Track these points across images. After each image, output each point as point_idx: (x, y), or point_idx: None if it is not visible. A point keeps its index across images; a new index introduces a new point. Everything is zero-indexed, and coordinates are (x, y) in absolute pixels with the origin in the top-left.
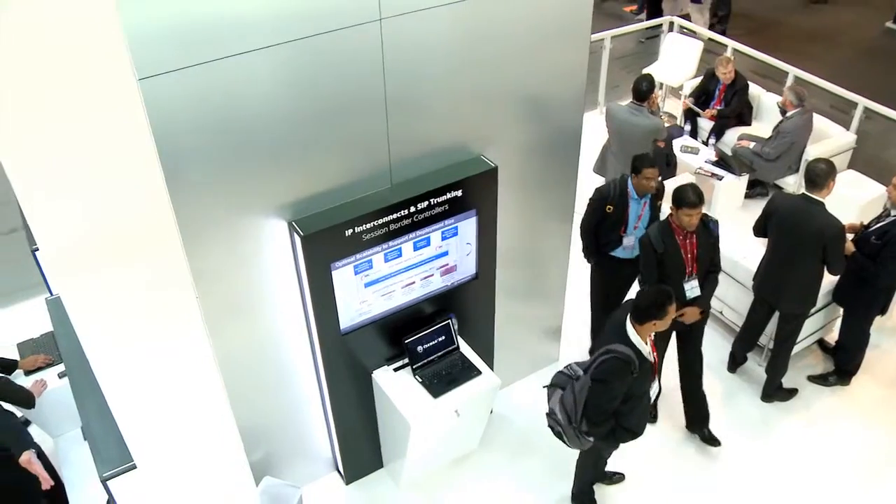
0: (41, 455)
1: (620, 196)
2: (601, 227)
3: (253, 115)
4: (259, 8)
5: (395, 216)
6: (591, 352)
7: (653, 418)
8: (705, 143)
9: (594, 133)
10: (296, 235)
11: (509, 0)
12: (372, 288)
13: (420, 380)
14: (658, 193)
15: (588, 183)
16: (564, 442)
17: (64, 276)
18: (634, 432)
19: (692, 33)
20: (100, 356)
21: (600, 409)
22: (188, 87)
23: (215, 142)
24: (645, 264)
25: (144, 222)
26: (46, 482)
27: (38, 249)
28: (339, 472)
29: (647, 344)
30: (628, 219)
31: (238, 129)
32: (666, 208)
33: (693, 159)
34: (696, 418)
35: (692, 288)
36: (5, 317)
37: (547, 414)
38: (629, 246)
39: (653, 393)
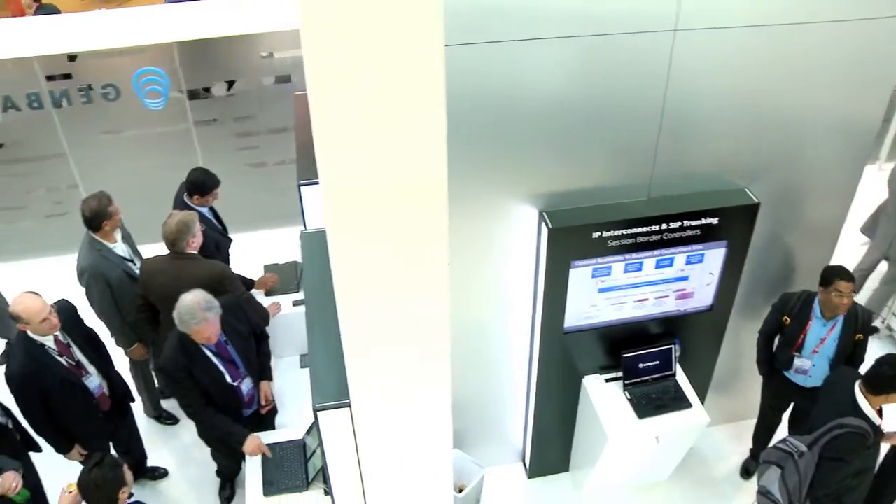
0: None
1: (801, 310)
2: (777, 338)
3: (530, 101)
4: None
5: (645, 229)
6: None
7: None
8: None
9: (869, 189)
10: (544, 226)
11: (814, 33)
12: (605, 295)
13: (629, 397)
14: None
15: (852, 242)
16: None
17: (337, 216)
18: None
19: None
20: (349, 298)
21: (831, 487)
22: (477, 61)
23: (489, 118)
24: None
25: (420, 181)
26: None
27: (303, 184)
28: (524, 463)
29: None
30: (805, 339)
31: (513, 111)
32: None
33: None
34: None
35: None
36: (260, 239)
37: (760, 493)
38: (802, 370)
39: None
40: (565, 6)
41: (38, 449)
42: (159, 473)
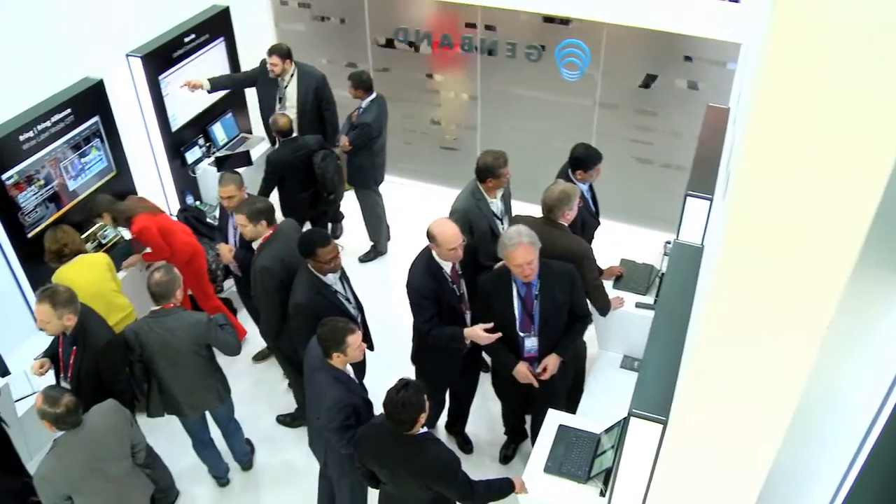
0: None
1: None
2: None
3: None
4: None
5: None
6: None
7: None
8: None
9: None
10: None
11: None
12: None
13: None
14: None
15: None
16: None
17: (737, 245)
18: None
19: None
20: (712, 329)
21: None
22: None
23: None
24: None
25: (835, 238)
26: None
27: (691, 195)
28: None
29: None
30: None
31: None
32: None
33: None
34: None
35: None
36: (624, 231)
37: None
38: None
39: None
40: None
41: (370, 348)
42: (469, 448)
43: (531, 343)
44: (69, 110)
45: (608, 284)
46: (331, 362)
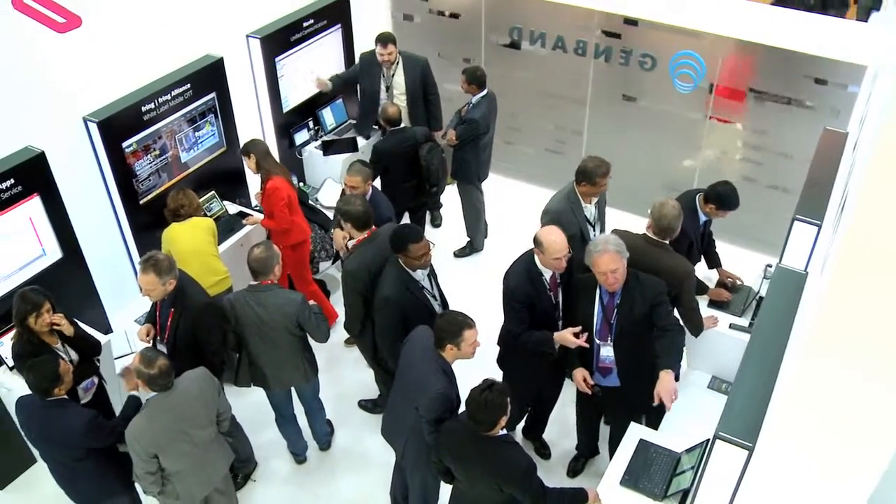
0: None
1: None
2: None
3: None
4: None
5: None
6: None
7: None
8: None
9: None
10: None
11: None
12: None
13: None
14: None
15: None
16: None
17: (849, 270)
18: None
19: None
20: (812, 362)
21: None
22: None
23: None
24: None
25: None
26: None
27: (799, 219)
28: None
29: None
30: None
31: None
32: None
33: None
34: None
35: None
36: (723, 253)
37: None
38: None
39: None
40: None
41: None
42: (546, 453)
43: (607, 352)
44: (188, 85)
45: (703, 303)
46: (442, 353)
